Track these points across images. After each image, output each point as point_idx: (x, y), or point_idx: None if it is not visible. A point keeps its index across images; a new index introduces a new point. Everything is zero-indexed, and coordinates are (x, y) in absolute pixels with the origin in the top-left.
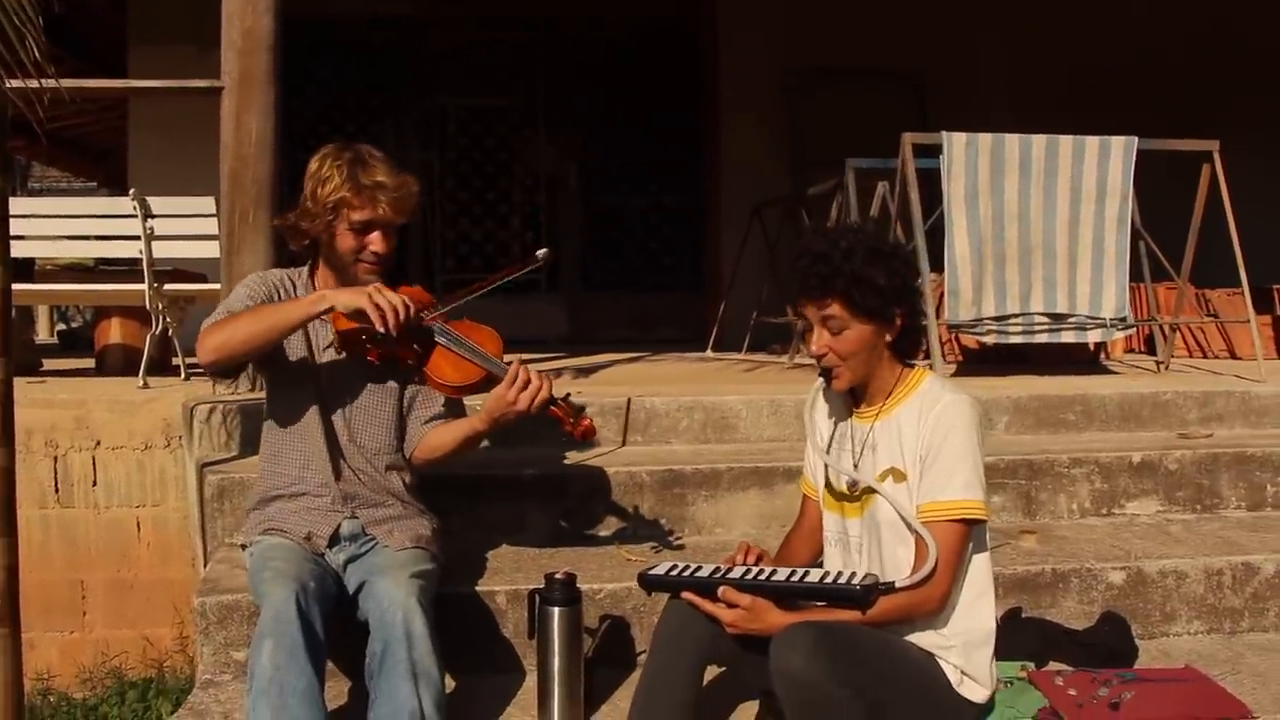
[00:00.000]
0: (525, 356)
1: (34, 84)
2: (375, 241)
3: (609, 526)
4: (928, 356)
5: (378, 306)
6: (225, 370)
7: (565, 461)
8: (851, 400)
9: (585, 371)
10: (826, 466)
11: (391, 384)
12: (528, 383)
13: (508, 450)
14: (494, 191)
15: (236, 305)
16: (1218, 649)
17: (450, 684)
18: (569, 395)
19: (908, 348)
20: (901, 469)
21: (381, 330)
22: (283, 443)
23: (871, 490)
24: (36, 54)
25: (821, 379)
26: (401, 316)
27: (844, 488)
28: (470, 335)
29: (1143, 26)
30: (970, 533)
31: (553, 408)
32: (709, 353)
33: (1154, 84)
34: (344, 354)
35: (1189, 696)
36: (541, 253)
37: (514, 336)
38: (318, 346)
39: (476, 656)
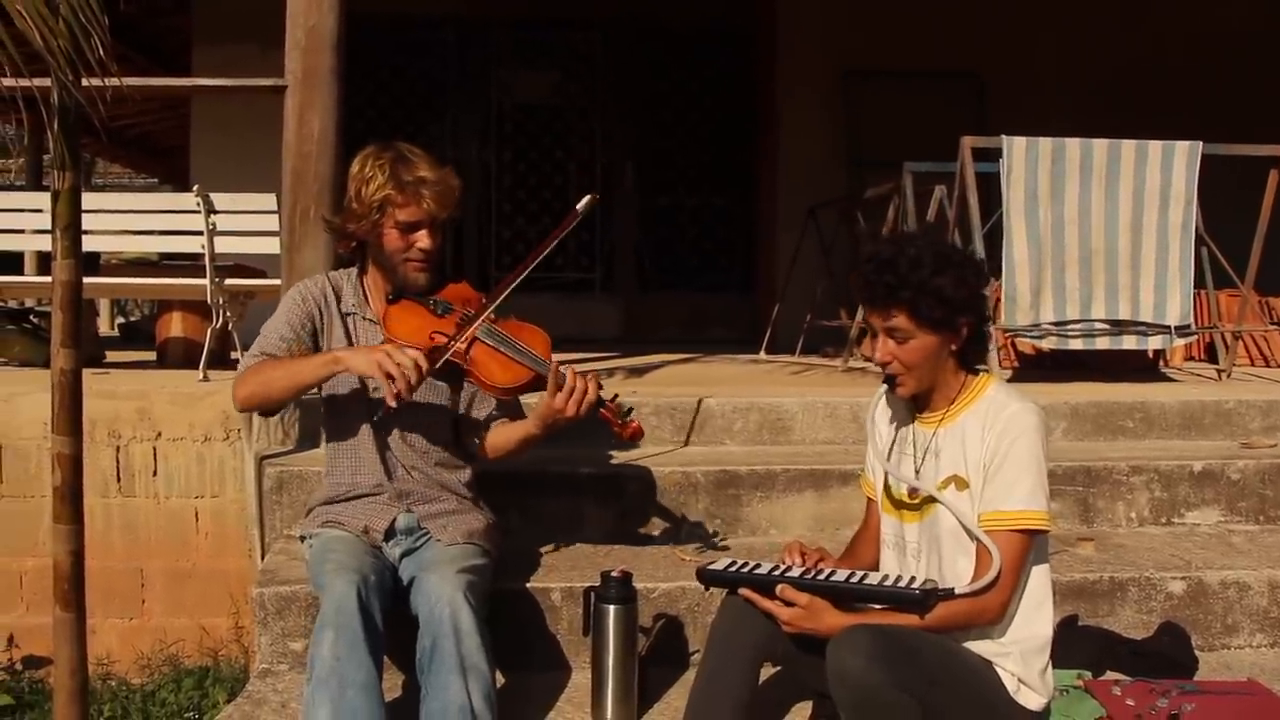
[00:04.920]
0: (579, 356)
1: (98, 83)
2: (422, 239)
3: (664, 526)
4: (985, 360)
5: (389, 375)
6: (261, 413)
7: (621, 461)
8: (914, 406)
9: (639, 372)
10: (886, 472)
11: (442, 383)
12: (573, 388)
13: (565, 448)
14: (549, 190)
15: (273, 337)
16: None
17: (503, 680)
18: (617, 396)
19: (973, 356)
20: (964, 477)
21: (392, 404)
22: (336, 448)
23: (932, 498)
24: (101, 53)
25: (884, 385)
26: (413, 381)
27: (904, 494)
28: (518, 335)
29: (1209, 23)
30: (1032, 543)
31: (601, 410)
32: (762, 354)
33: (1223, 86)
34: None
35: (1251, 710)
36: (583, 203)
37: (568, 336)
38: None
39: (530, 653)
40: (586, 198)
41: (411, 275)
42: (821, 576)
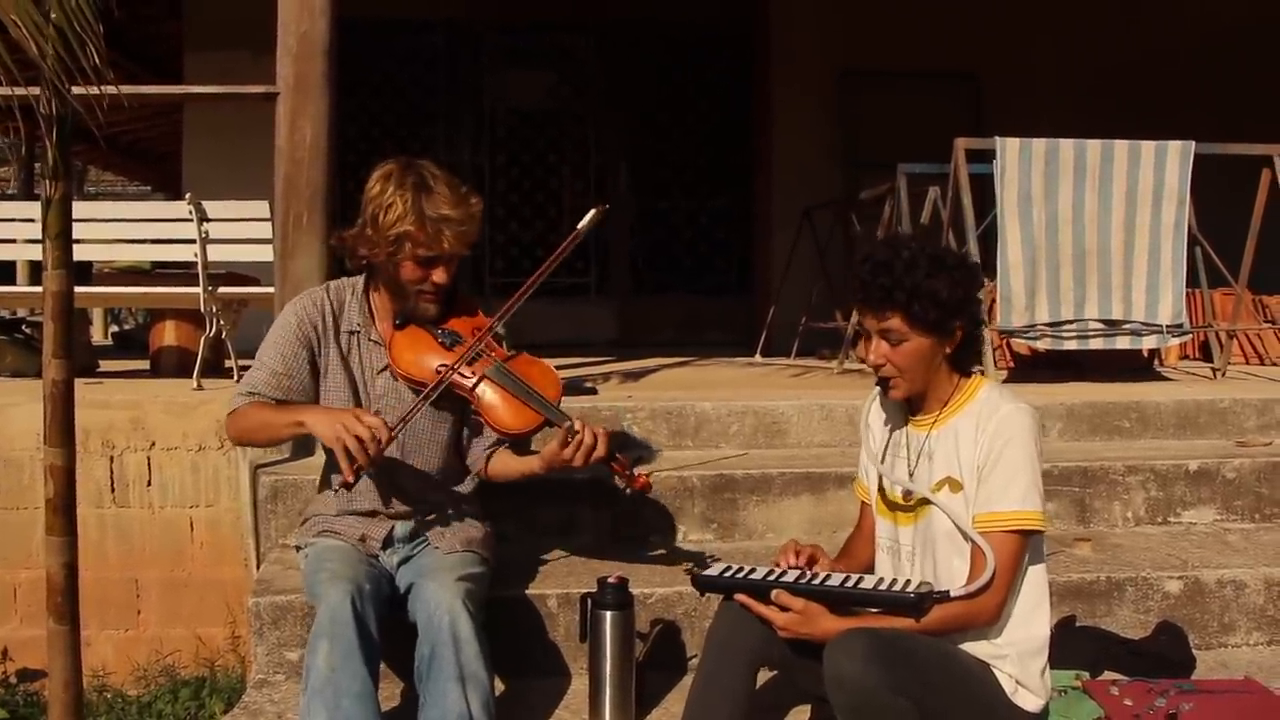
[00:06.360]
0: (574, 360)
1: (94, 90)
2: (439, 274)
3: (660, 531)
4: (979, 363)
5: (346, 450)
6: None
7: None
8: (908, 408)
9: (634, 375)
10: (881, 475)
11: (445, 410)
12: (581, 443)
13: None
14: (543, 194)
15: (263, 372)
16: (1278, 661)
17: (500, 687)
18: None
19: (966, 358)
20: (958, 478)
21: (350, 480)
22: (334, 468)
23: (927, 501)
24: (97, 60)
25: (878, 388)
26: (371, 453)
27: (898, 496)
28: (528, 375)
29: (1202, 22)
30: (1027, 544)
31: (612, 464)
32: (757, 357)
33: (1214, 84)
34: (397, 379)
35: (1249, 709)
36: (585, 220)
37: (563, 339)
38: (369, 371)
39: (527, 660)
40: (590, 212)
41: (422, 306)
42: (816, 581)
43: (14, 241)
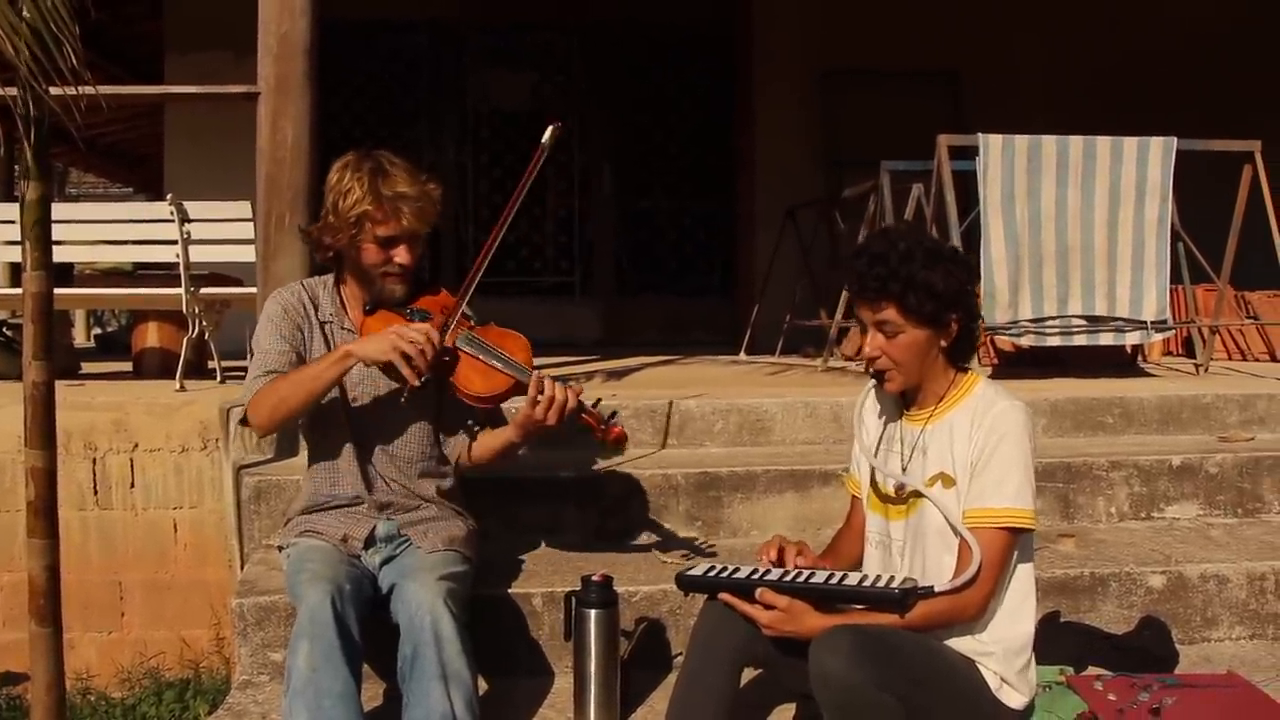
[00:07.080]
0: (558, 360)
1: (72, 91)
2: (400, 254)
3: (645, 529)
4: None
5: (405, 356)
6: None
7: (601, 464)
8: (903, 402)
9: (618, 375)
10: (874, 468)
11: (422, 393)
12: (552, 398)
13: (545, 452)
14: (527, 195)
15: (272, 353)
16: (1261, 655)
17: (485, 686)
18: (599, 401)
19: (962, 352)
20: (951, 474)
21: (416, 383)
22: (316, 459)
23: (919, 494)
24: (74, 61)
25: (873, 380)
26: (429, 356)
27: (890, 490)
28: (499, 343)
29: (1182, 23)
30: (1016, 541)
31: (582, 416)
32: (742, 356)
33: (1196, 82)
34: (369, 364)
35: (1232, 703)
36: (547, 135)
37: (547, 339)
38: None
39: (512, 659)
40: (549, 129)
41: (389, 287)
42: (800, 578)
43: None
